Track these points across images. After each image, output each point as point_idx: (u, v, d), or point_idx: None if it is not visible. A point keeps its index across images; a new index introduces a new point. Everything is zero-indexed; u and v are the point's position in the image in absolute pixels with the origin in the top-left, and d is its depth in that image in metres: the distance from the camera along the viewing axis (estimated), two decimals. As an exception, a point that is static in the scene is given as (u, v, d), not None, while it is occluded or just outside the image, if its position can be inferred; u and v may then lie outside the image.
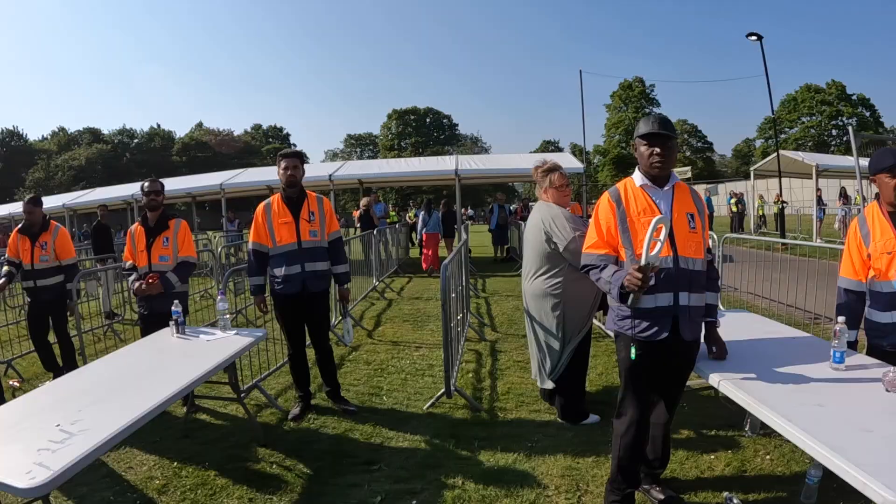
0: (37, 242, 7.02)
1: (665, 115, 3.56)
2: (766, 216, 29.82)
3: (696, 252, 3.54)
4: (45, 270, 7.00)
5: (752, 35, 24.30)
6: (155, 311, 5.78)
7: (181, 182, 25.09)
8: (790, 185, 31.44)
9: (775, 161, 24.34)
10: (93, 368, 4.48)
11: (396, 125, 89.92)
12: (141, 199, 6.06)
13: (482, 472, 4.43)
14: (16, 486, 2.60)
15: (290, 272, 5.49)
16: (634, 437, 3.67)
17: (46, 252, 6.99)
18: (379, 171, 23.28)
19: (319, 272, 5.62)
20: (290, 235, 5.50)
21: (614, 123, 73.92)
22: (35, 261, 6.98)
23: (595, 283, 3.71)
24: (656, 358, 3.58)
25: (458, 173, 19.79)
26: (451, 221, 18.78)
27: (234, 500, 4.21)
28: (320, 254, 5.62)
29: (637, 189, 3.60)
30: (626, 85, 74.22)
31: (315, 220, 5.59)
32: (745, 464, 4.39)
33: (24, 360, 8.41)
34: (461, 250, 8.09)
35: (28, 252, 7.00)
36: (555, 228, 5.10)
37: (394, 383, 6.60)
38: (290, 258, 5.49)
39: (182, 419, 5.65)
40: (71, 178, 73.18)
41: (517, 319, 9.60)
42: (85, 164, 77.49)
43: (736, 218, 30.05)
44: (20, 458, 2.81)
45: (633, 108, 72.81)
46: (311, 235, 5.55)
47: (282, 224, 5.52)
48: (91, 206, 25.95)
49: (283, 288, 5.54)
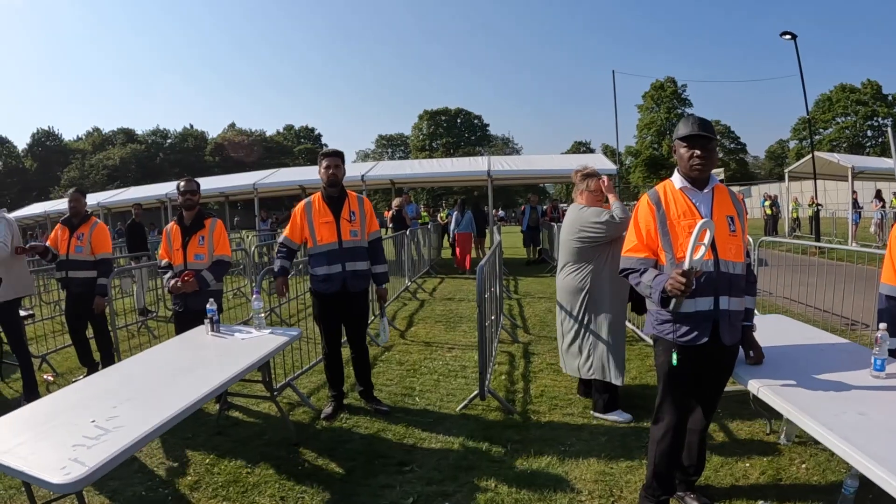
0: (74, 233, 7.11)
1: (704, 118, 3.50)
2: (800, 219, 29.35)
3: (737, 255, 3.48)
4: (78, 262, 7.07)
5: (785, 34, 23.99)
6: (190, 308, 5.80)
7: (214, 182, 25.34)
8: (825, 187, 30.90)
9: (810, 163, 23.96)
10: (128, 365, 4.49)
11: (428, 126, 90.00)
12: (177, 199, 6.10)
13: (515, 476, 4.38)
14: (50, 481, 2.60)
15: (332, 271, 5.51)
16: (671, 444, 3.62)
17: (82, 243, 7.06)
18: (411, 171, 23.32)
19: (360, 272, 5.63)
20: (331, 235, 5.52)
21: (646, 124, 73.32)
22: (70, 250, 7.06)
23: (634, 287, 3.66)
24: (695, 363, 3.52)
25: (490, 174, 19.77)
26: (481, 221, 18.70)
27: (266, 498, 4.21)
28: (360, 253, 5.63)
29: (677, 192, 3.55)
30: (657, 85, 73.54)
31: (356, 220, 5.61)
32: (780, 472, 4.30)
33: (58, 354, 8.54)
34: (495, 252, 8.05)
35: (65, 242, 7.10)
36: (587, 217, 5.36)
37: (426, 384, 6.57)
38: (331, 257, 5.50)
39: (215, 416, 5.66)
40: (105, 178, 74.15)
41: (550, 322, 9.52)
42: (119, 164, 78.52)
43: (770, 221, 29.61)
44: (55, 454, 2.81)
45: (665, 108, 72.14)
46: (352, 235, 5.57)
47: (323, 223, 5.53)
48: (125, 205, 26.34)
49: (324, 287, 5.55)
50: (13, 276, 6.41)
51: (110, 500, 4.28)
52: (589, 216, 5.36)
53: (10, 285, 6.36)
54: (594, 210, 5.40)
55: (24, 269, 6.71)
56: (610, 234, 5.24)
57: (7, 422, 3.26)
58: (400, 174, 22.77)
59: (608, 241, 5.30)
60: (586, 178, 5.55)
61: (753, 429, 5.02)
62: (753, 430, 4.99)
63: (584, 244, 5.37)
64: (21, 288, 6.54)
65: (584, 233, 5.34)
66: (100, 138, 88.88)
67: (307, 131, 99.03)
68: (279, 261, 5.73)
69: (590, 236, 5.32)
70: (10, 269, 6.37)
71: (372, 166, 24.27)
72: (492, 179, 20.04)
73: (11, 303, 6.44)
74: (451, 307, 11.48)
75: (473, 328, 9.14)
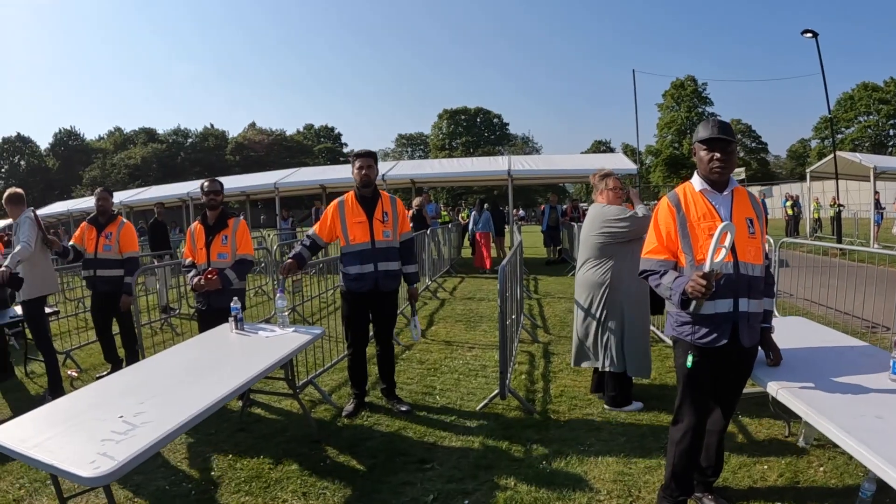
0: (102, 232, 7.19)
1: (724, 120, 3.51)
2: (821, 220, 28.92)
3: (756, 258, 3.48)
4: (106, 261, 7.15)
5: (807, 32, 23.78)
6: (213, 306, 5.86)
7: (236, 181, 25.54)
8: (846, 187, 30.58)
9: (832, 162, 23.72)
10: (155, 362, 4.55)
11: (447, 125, 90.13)
12: (199, 198, 6.16)
13: (535, 475, 4.39)
14: (80, 474, 2.64)
15: (364, 271, 5.54)
16: (690, 445, 3.62)
17: (110, 242, 7.15)
18: (431, 171, 23.39)
19: (391, 272, 5.66)
20: (364, 235, 5.55)
21: (666, 123, 72.95)
22: (98, 249, 7.15)
23: (654, 289, 3.67)
24: (715, 364, 3.52)
25: (510, 174, 19.75)
26: (499, 221, 18.66)
27: (289, 494, 4.24)
28: (392, 254, 5.66)
29: (697, 194, 3.55)
30: (678, 84, 73.12)
31: (388, 221, 5.64)
32: (798, 475, 4.28)
33: (82, 350, 8.65)
34: (517, 252, 8.06)
35: (93, 241, 7.18)
36: (610, 214, 5.49)
37: (447, 383, 6.59)
38: (363, 257, 5.54)
39: (237, 413, 5.71)
40: (127, 177, 74.89)
41: (570, 321, 9.40)
42: (140, 163, 79.34)
43: (791, 221, 29.32)
44: (84, 448, 2.85)
45: (686, 107, 71.73)
46: (384, 236, 5.60)
47: (356, 223, 5.56)
48: (147, 204, 26.57)
49: (356, 286, 5.59)
50: (38, 275, 6.50)
51: (134, 494, 4.33)
52: (612, 213, 5.47)
53: (35, 283, 6.45)
54: (617, 208, 5.52)
55: (49, 267, 6.79)
56: (633, 231, 5.35)
57: (36, 417, 3.31)
58: (420, 173, 22.85)
59: (629, 239, 5.38)
60: (604, 178, 5.70)
61: (772, 431, 5.00)
62: (772, 432, 4.97)
63: (606, 240, 5.47)
64: (46, 286, 6.63)
65: (607, 229, 5.45)
66: (121, 138, 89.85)
67: (327, 131, 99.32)
68: (298, 247, 5.74)
69: (612, 232, 5.43)
70: (36, 268, 6.46)
71: (392, 165, 24.33)
72: (512, 179, 20.04)
73: (37, 300, 6.53)
74: (471, 307, 11.49)
75: (493, 328, 9.17)
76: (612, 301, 5.47)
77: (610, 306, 5.47)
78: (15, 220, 6.55)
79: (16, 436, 3.01)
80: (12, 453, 2.91)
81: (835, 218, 23.21)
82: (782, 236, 18.04)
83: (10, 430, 3.10)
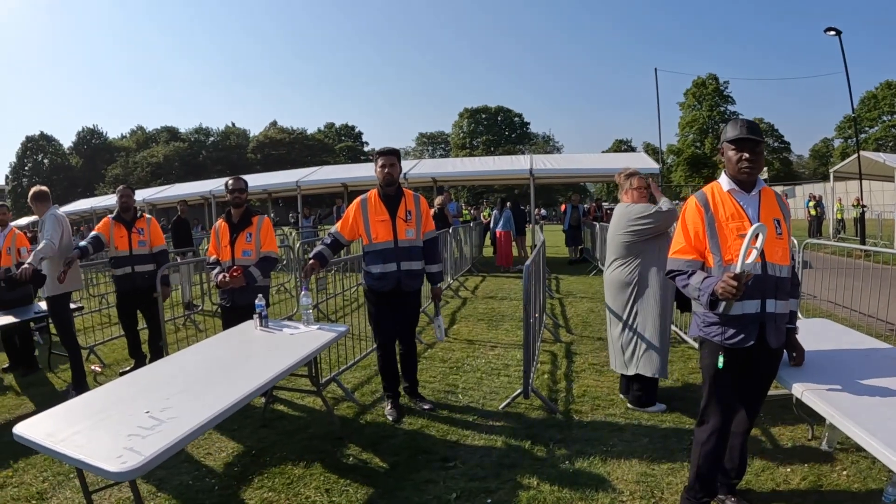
0: (133, 229, 7.29)
1: (752, 120, 3.48)
2: (844, 220, 28.53)
3: (783, 258, 3.46)
4: (142, 256, 7.30)
5: (830, 30, 23.52)
6: (237, 303, 5.89)
7: (258, 179, 25.63)
8: (870, 187, 30.14)
9: (855, 162, 23.43)
10: (180, 358, 4.57)
11: (468, 124, 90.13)
12: (222, 196, 6.20)
13: (557, 474, 4.37)
14: (107, 469, 2.65)
15: (387, 270, 5.50)
16: (715, 446, 3.58)
17: (144, 238, 7.30)
18: (453, 169, 23.35)
19: (414, 271, 5.61)
20: (387, 234, 5.50)
21: (688, 122, 72.21)
22: (134, 246, 7.27)
23: (681, 289, 3.65)
24: (741, 365, 3.50)
25: (532, 173, 19.69)
26: (520, 220, 18.62)
27: (311, 490, 4.25)
28: (416, 253, 5.61)
29: (725, 194, 3.53)
30: (699, 82, 72.40)
31: (412, 220, 5.59)
32: (821, 478, 4.22)
33: (105, 346, 8.73)
34: (540, 251, 8.04)
35: (125, 239, 7.27)
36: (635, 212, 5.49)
37: (469, 382, 6.57)
38: (386, 256, 5.49)
39: (261, 409, 5.72)
40: (149, 175, 75.74)
41: (592, 321, 9.51)
42: (163, 161, 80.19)
43: (814, 222, 28.95)
44: (111, 443, 2.87)
45: (708, 106, 71.01)
46: (408, 235, 5.55)
47: (379, 222, 5.52)
48: (169, 202, 26.80)
49: (378, 284, 5.55)
50: (77, 271, 6.58)
51: (157, 488, 4.36)
52: (637, 211, 5.48)
53: (79, 279, 6.52)
54: (641, 206, 5.51)
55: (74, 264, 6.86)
56: (658, 225, 5.40)
57: (62, 411, 3.32)
58: (442, 172, 22.81)
59: (655, 235, 5.41)
60: (629, 178, 5.69)
61: (795, 434, 4.95)
62: (795, 435, 4.92)
63: (632, 238, 5.47)
64: (70, 282, 6.70)
65: (633, 227, 5.46)
66: (143, 136, 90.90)
67: (348, 129, 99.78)
68: (320, 246, 5.74)
69: (638, 230, 5.43)
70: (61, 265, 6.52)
71: (414, 164, 24.29)
72: (534, 178, 19.97)
73: (61, 296, 6.60)
74: (492, 305, 11.46)
75: (515, 327, 9.17)
76: (639, 301, 5.46)
77: (638, 306, 5.47)
78: (40, 217, 6.61)
79: (43, 430, 3.03)
80: (39, 447, 2.94)
81: (858, 219, 22.96)
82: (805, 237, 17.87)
83: (36, 425, 3.11)
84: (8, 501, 4.30)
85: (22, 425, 3.10)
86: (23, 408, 6.35)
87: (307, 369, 5.24)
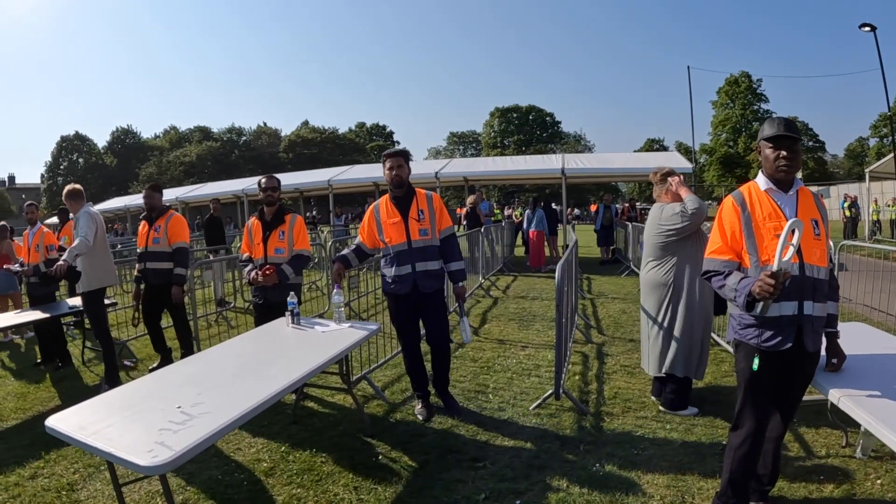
0: (152, 226, 7.36)
1: (790, 118, 3.42)
2: (880, 221, 27.97)
3: (821, 260, 3.39)
4: (155, 253, 7.30)
5: (865, 26, 23.22)
6: (269, 300, 5.92)
7: (290, 178, 25.77)
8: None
9: (892, 162, 23.05)
10: (212, 353, 4.61)
11: (499, 123, 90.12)
12: (255, 194, 6.23)
13: (587, 477, 4.32)
14: (138, 463, 2.66)
15: (401, 272, 5.41)
16: (750, 451, 3.52)
17: (159, 235, 7.29)
18: (485, 169, 23.27)
19: (431, 271, 5.48)
20: (400, 235, 5.41)
21: (721, 121, 71.15)
22: (148, 243, 7.32)
23: (717, 290, 3.59)
24: (778, 369, 3.43)
25: (564, 172, 19.57)
26: (552, 220, 18.53)
27: (340, 488, 4.25)
28: (431, 252, 5.49)
29: (762, 193, 3.47)
30: (732, 80, 71.42)
31: (425, 219, 5.47)
32: (854, 487, 4.12)
33: (137, 341, 8.89)
34: (573, 251, 7.99)
35: (144, 236, 7.37)
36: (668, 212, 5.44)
37: (500, 382, 6.53)
38: (400, 258, 5.41)
39: (291, 405, 5.74)
40: (182, 174, 76.70)
41: (624, 322, 9.43)
42: (195, 160, 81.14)
43: (849, 223, 28.29)
44: (142, 437, 2.88)
45: (741, 104, 69.93)
46: (421, 234, 5.44)
47: (391, 224, 5.44)
48: (202, 200, 27.13)
49: (394, 288, 5.49)
50: (97, 267, 6.66)
51: (187, 482, 4.39)
52: (669, 211, 5.43)
53: (95, 276, 6.60)
54: (674, 205, 5.45)
55: (108, 260, 6.95)
56: (688, 224, 5.32)
57: (94, 405, 3.36)
58: (474, 171, 22.76)
59: (689, 235, 5.36)
60: (666, 178, 5.66)
61: (829, 440, 4.84)
62: (829, 442, 4.81)
63: (667, 238, 5.43)
64: (104, 278, 6.79)
65: (665, 226, 5.43)
66: (176, 136, 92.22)
67: (379, 129, 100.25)
68: (345, 250, 5.76)
69: (671, 229, 5.38)
70: (94, 261, 6.62)
71: (445, 163, 24.29)
72: (566, 177, 19.85)
73: (95, 292, 6.68)
74: (524, 305, 11.40)
75: (547, 327, 9.13)
76: (675, 301, 5.41)
77: (674, 306, 5.42)
78: (75, 215, 6.70)
79: (74, 423, 3.06)
80: (71, 440, 2.97)
81: (894, 220, 22.54)
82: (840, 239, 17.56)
83: (68, 418, 3.14)
84: (39, 492, 4.37)
85: (54, 418, 3.13)
86: (54, 401, 6.48)
87: (338, 367, 5.25)
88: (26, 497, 4.30)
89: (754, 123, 65.27)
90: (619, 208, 21.26)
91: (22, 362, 8.34)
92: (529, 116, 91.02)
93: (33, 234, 8.54)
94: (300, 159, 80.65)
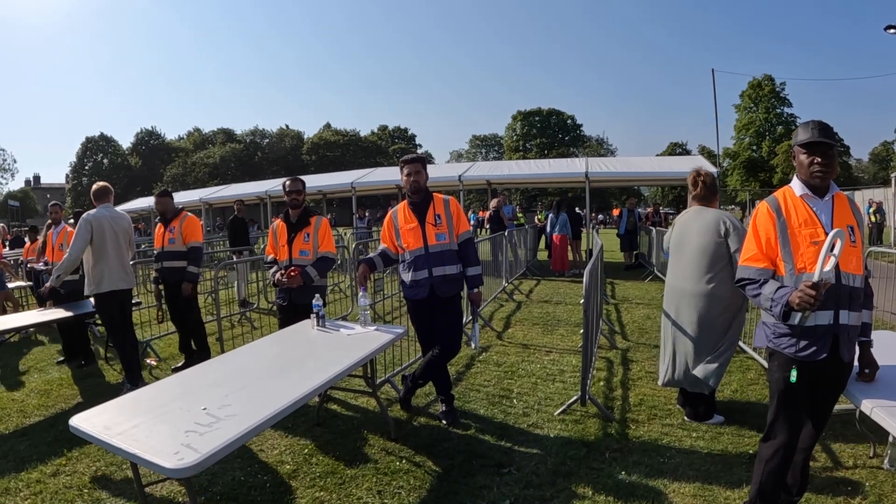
0: (167, 228, 7.58)
1: (825, 123, 3.35)
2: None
3: (857, 268, 3.32)
4: (171, 253, 7.50)
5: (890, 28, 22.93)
6: (294, 302, 5.90)
7: (314, 180, 25.90)
8: (932, 192, 29.29)
9: (917, 166, 22.75)
10: (238, 355, 4.60)
11: (521, 126, 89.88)
12: (282, 196, 6.25)
13: (613, 485, 4.27)
14: (164, 465, 2.65)
15: (418, 277, 5.39)
16: (781, 463, 3.45)
17: (174, 235, 7.51)
18: (508, 172, 23.17)
19: (449, 276, 5.44)
20: (417, 240, 5.40)
21: (744, 125, 70.30)
22: (165, 243, 7.53)
23: (751, 299, 3.52)
24: (812, 379, 3.36)
25: (587, 175, 19.47)
26: (576, 224, 18.42)
27: (363, 491, 4.23)
28: (449, 257, 5.45)
29: (797, 199, 3.39)
30: (755, 84, 70.76)
31: (442, 223, 5.44)
32: (882, 499, 4.04)
33: (161, 341, 8.91)
34: (599, 256, 7.93)
35: (160, 237, 7.59)
36: (732, 226, 5.12)
37: (524, 387, 6.48)
38: (417, 263, 5.39)
39: (314, 408, 5.72)
40: (206, 175, 77.45)
41: (648, 328, 9.34)
42: (219, 162, 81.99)
43: (874, 229, 27.74)
44: (168, 439, 2.87)
45: (764, 108, 69.12)
46: (439, 239, 5.41)
47: (408, 230, 5.44)
48: (226, 201, 27.40)
49: (412, 293, 5.47)
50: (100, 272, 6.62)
51: (210, 483, 4.40)
52: (732, 217, 5.23)
53: (101, 280, 6.60)
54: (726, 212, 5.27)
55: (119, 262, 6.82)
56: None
57: (120, 405, 3.35)
58: (497, 175, 22.70)
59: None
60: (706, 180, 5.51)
61: (856, 451, 4.74)
62: (857, 453, 4.72)
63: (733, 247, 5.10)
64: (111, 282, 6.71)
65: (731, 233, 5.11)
66: (200, 138, 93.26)
67: (401, 132, 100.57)
68: (371, 254, 5.76)
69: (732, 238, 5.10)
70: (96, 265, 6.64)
71: (469, 167, 24.25)
72: (589, 181, 19.75)
73: (104, 295, 6.66)
74: (547, 310, 11.34)
75: (571, 332, 9.09)
76: (741, 319, 5.28)
77: (733, 319, 5.19)
78: None
79: (100, 423, 3.06)
80: (96, 440, 2.96)
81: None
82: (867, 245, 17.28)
83: (93, 417, 3.14)
84: (61, 489, 4.40)
85: (78, 417, 3.13)
86: (76, 398, 6.53)
87: (363, 370, 5.21)
88: (48, 494, 4.33)
89: (778, 127, 64.58)
90: (642, 213, 21.10)
91: (45, 360, 8.40)
92: (551, 120, 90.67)
93: (57, 233, 8.72)
94: (323, 161, 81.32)
